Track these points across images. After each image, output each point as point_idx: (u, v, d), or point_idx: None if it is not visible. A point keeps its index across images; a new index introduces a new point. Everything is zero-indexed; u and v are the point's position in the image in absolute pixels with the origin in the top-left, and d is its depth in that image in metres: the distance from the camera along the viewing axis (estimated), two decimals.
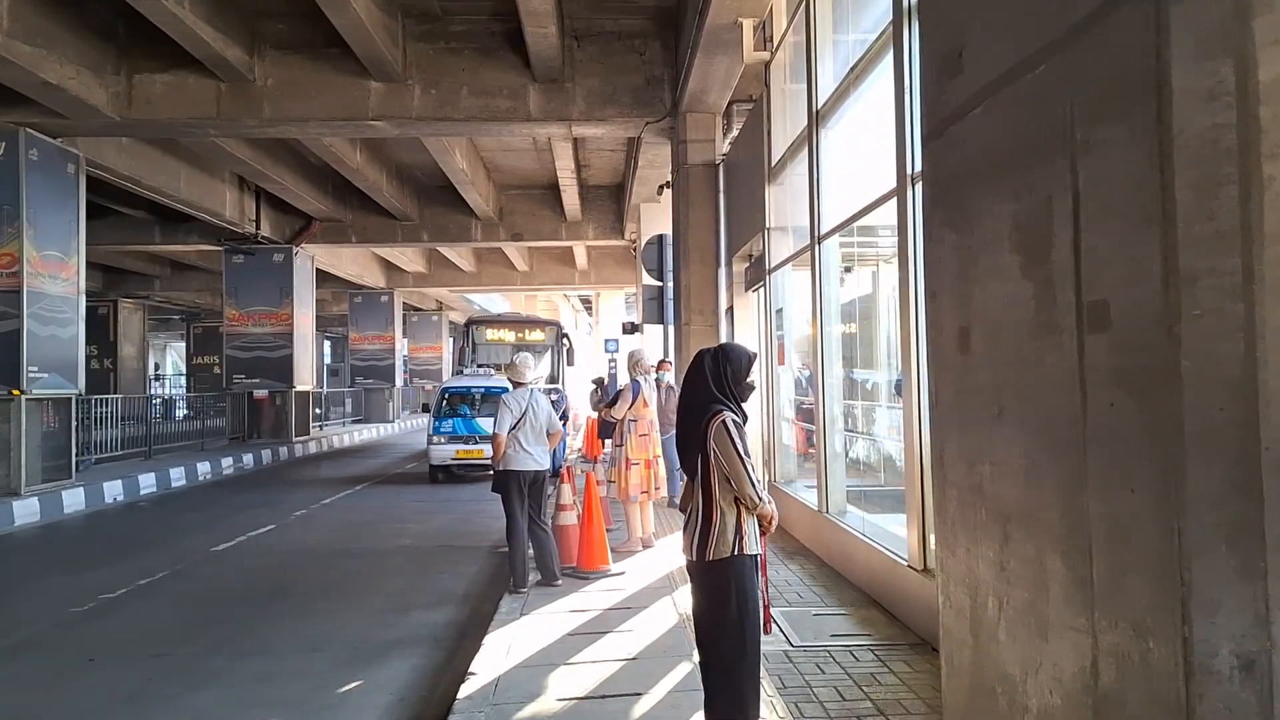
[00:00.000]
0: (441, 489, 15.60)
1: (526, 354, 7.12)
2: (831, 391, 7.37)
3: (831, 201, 7.30)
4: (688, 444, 3.70)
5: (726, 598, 3.58)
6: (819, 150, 7.32)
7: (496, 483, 6.89)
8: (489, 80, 12.81)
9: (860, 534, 6.59)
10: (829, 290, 7.40)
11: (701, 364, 3.76)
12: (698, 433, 3.63)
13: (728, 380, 3.73)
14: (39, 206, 12.97)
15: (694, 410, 3.70)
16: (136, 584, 8.48)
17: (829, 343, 7.39)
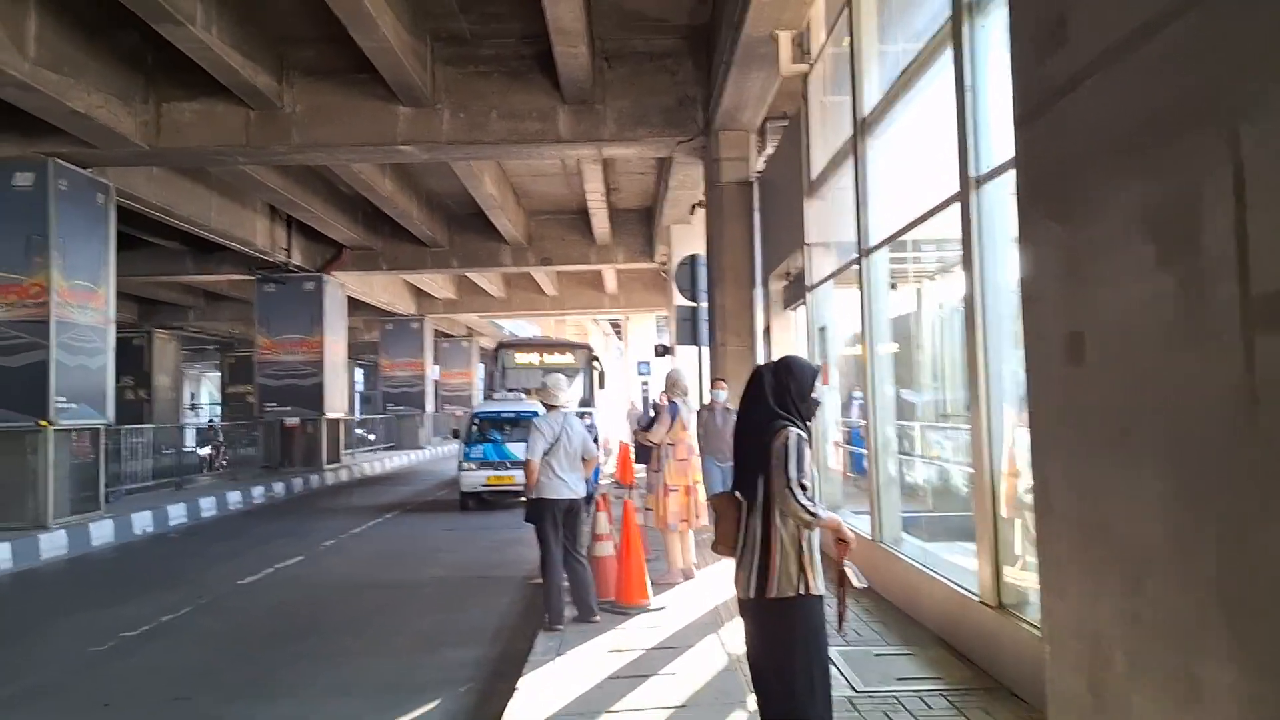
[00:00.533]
0: (473, 517, 15.29)
1: (559, 376, 6.78)
2: (883, 413, 6.97)
3: (879, 213, 6.94)
4: (747, 467, 3.37)
5: (790, 643, 3.21)
6: (865, 160, 6.97)
7: (529, 512, 6.54)
8: (518, 103, 12.60)
9: (921, 565, 6.16)
10: (878, 306, 7.02)
11: (760, 380, 3.45)
12: (759, 454, 3.31)
13: (791, 396, 3.40)
14: (68, 236, 12.88)
15: (753, 431, 3.38)
16: (160, 620, 8.20)
17: (879, 361, 7.00)
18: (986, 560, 4.94)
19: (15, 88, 10.37)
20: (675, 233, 19.09)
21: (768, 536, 3.26)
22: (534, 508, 6.49)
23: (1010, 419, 4.88)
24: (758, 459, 3.31)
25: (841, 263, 8.26)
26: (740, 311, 12.17)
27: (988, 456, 4.87)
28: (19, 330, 12.61)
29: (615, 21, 11.96)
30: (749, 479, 3.34)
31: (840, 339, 9.78)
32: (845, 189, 8.33)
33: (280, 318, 23.48)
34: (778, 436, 3.28)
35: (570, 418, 6.65)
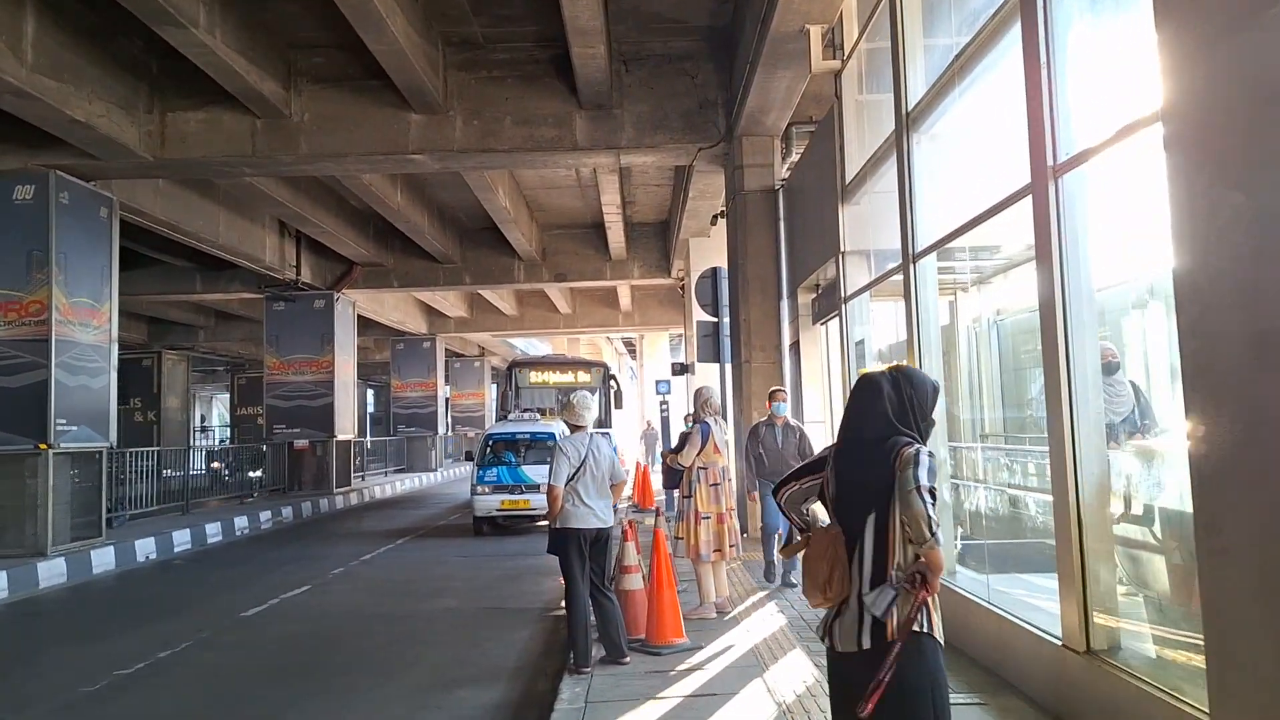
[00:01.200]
0: (487, 542, 14.74)
1: (585, 393, 6.23)
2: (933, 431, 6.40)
3: (928, 214, 6.41)
4: (855, 498, 2.84)
5: (920, 695, 2.70)
6: (910, 157, 6.45)
7: (553, 543, 5.98)
8: (533, 109, 12.15)
9: (984, 601, 5.58)
10: (927, 316, 6.47)
11: (876, 390, 2.90)
12: (874, 480, 2.78)
13: (914, 411, 2.86)
14: (70, 252, 12.46)
15: (865, 451, 2.85)
16: (156, 656, 7.67)
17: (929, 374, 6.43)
18: (1071, 599, 4.37)
19: (12, 95, 9.97)
20: (694, 246, 18.60)
21: (884, 573, 2.75)
22: (558, 538, 5.93)
23: (1097, 439, 4.32)
24: (871, 487, 2.79)
25: (882, 270, 7.72)
26: (766, 326, 11.65)
27: (1073, 482, 4.30)
28: (18, 349, 12.16)
29: (633, 23, 11.52)
30: (856, 512, 2.82)
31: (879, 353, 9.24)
32: (885, 192, 7.80)
33: (290, 337, 23.05)
34: (902, 453, 2.76)
35: (597, 439, 6.10)
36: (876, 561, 2.75)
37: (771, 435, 8.27)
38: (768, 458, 8.19)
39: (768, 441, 8.25)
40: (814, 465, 3.07)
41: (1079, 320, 4.27)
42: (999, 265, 9.86)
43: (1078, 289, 4.27)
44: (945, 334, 11.34)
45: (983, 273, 10.00)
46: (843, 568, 2.79)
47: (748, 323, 11.71)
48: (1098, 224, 4.36)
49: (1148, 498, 4.50)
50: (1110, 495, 4.36)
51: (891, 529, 2.74)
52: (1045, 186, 4.32)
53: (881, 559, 2.74)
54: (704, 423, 7.14)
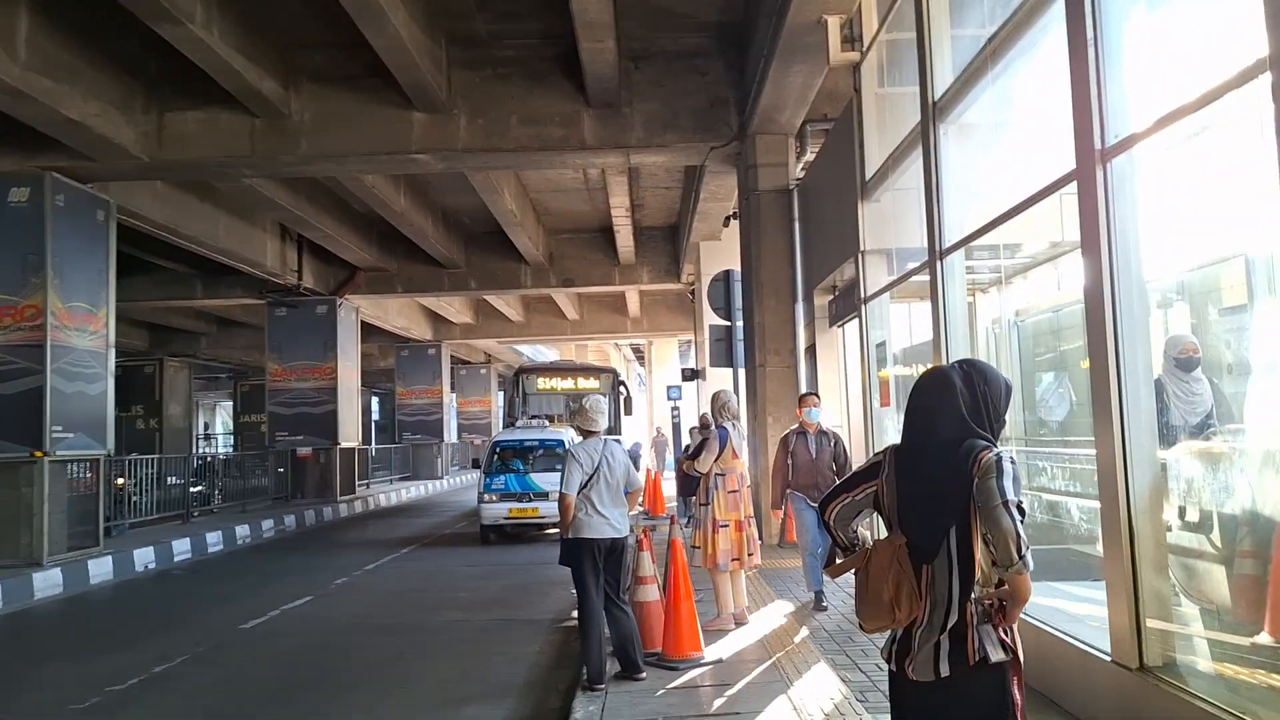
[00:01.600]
0: (494, 551, 14.44)
1: (598, 397, 5.93)
2: None
3: (956, 209, 6.11)
4: (928, 508, 2.53)
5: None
6: (938, 149, 6.15)
7: (565, 554, 5.68)
8: (540, 107, 11.88)
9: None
10: (954, 315, 6.17)
11: (948, 385, 2.60)
12: (950, 487, 2.47)
13: (988, 410, 2.56)
14: (66, 255, 12.20)
15: (937, 449, 2.54)
16: (151, 672, 7.37)
17: None
18: (1121, 611, 4.06)
19: (5, 94, 9.74)
20: (704, 250, 18.32)
21: (967, 590, 2.44)
22: (571, 549, 5.62)
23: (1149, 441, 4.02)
24: (946, 496, 2.47)
25: (905, 269, 7.42)
26: (780, 329, 11.35)
27: (1123, 486, 4.00)
28: (13, 355, 11.90)
29: (642, 19, 11.24)
30: (928, 524, 2.50)
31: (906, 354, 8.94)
32: (907, 189, 7.52)
33: (292, 343, 22.78)
34: (980, 458, 2.45)
35: (611, 444, 5.80)
36: (964, 581, 2.44)
37: (804, 444, 7.49)
38: (800, 469, 7.44)
39: (800, 451, 7.50)
40: (866, 472, 2.74)
41: (1129, 313, 3.97)
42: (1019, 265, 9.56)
43: (1127, 280, 3.97)
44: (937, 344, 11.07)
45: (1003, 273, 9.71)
46: (910, 585, 2.48)
47: (762, 326, 11.42)
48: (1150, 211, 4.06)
49: (1209, 503, 4.19)
50: (1165, 500, 4.05)
51: (975, 545, 2.43)
52: (1092, 172, 4.02)
53: (968, 578, 2.44)
54: (721, 427, 6.83)
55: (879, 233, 8.17)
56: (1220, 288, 5.80)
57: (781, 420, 11.34)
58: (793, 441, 7.54)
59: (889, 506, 2.63)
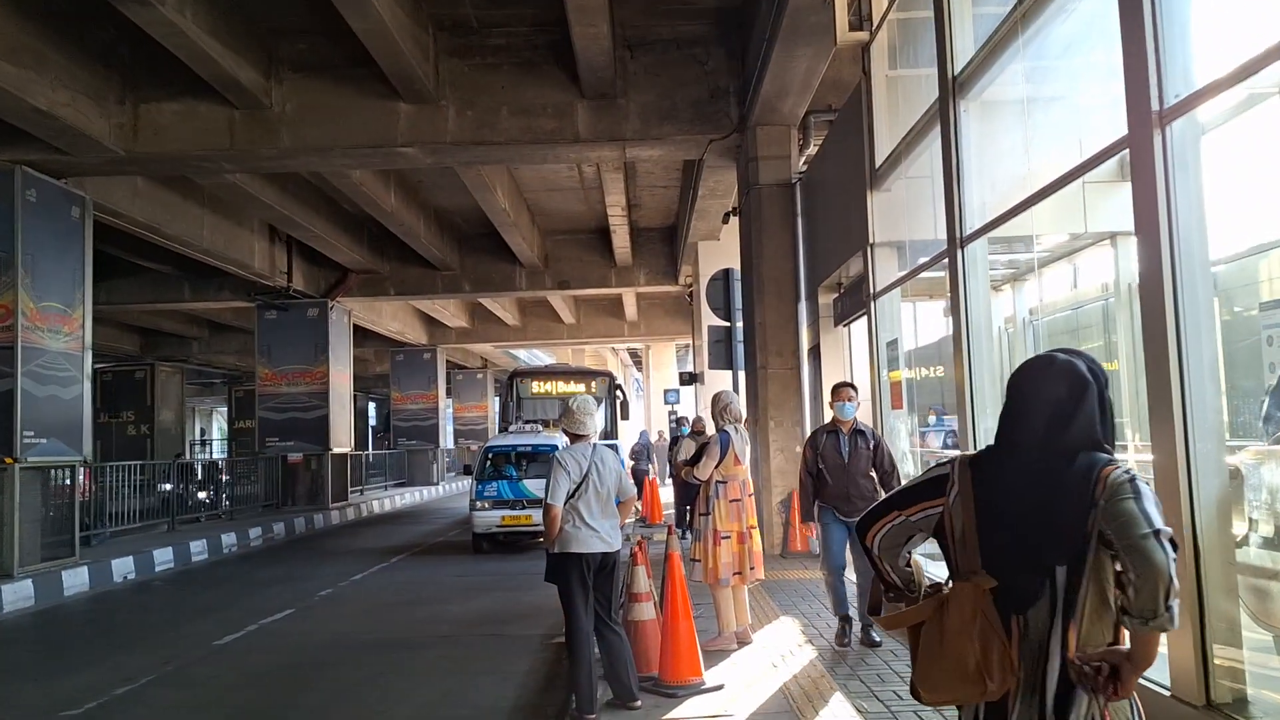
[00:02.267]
0: (486, 561, 13.93)
1: (587, 397, 5.41)
2: (984, 441, 5.58)
3: (978, 192, 5.63)
4: (1036, 530, 1.97)
5: None
6: (958, 128, 5.66)
7: (551, 570, 5.16)
8: (532, 98, 11.39)
9: None
10: (976, 308, 5.68)
11: (1082, 379, 2.03)
12: (1066, 508, 1.93)
13: (1108, 415, 2.04)
14: (38, 253, 11.69)
15: (1046, 463, 1.99)
16: (113, 694, 6.86)
17: (979, 379, 5.63)
18: (1184, 642, 3.56)
19: None
20: (703, 250, 17.83)
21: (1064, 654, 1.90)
22: (557, 565, 5.09)
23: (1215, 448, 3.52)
24: (1057, 524, 1.94)
25: (919, 261, 6.94)
26: (783, 329, 10.86)
27: (1186, 499, 3.50)
28: None
29: (638, 5, 10.77)
30: (1027, 560, 1.96)
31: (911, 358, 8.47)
32: (920, 177, 7.06)
33: (282, 347, 22.29)
34: (1104, 475, 1.91)
35: (601, 450, 5.27)
36: (1070, 636, 1.92)
37: (835, 445, 6.29)
38: (831, 475, 6.25)
39: (830, 454, 6.29)
40: (926, 488, 2.18)
41: (1191, 300, 3.47)
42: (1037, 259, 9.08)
43: (1190, 262, 3.47)
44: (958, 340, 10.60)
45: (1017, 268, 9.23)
46: (1003, 644, 1.94)
47: (763, 326, 10.93)
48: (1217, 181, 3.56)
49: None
50: (1235, 513, 3.56)
51: (1106, 570, 1.91)
52: (1149, 137, 3.53)
53: (1078, 633, 1.92)
54: (723, 431, 6.31)
55: (889, 224, 7.69)
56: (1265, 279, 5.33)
57: (784, 425, 10.85)
58: (822, 442, 6.35)
59: (960, 535, 2.06)
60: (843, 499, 6.25)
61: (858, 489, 6.18)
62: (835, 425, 6.36)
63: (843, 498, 6.25)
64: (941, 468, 2.17)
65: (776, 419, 10.72)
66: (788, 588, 8.66)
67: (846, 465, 6.22)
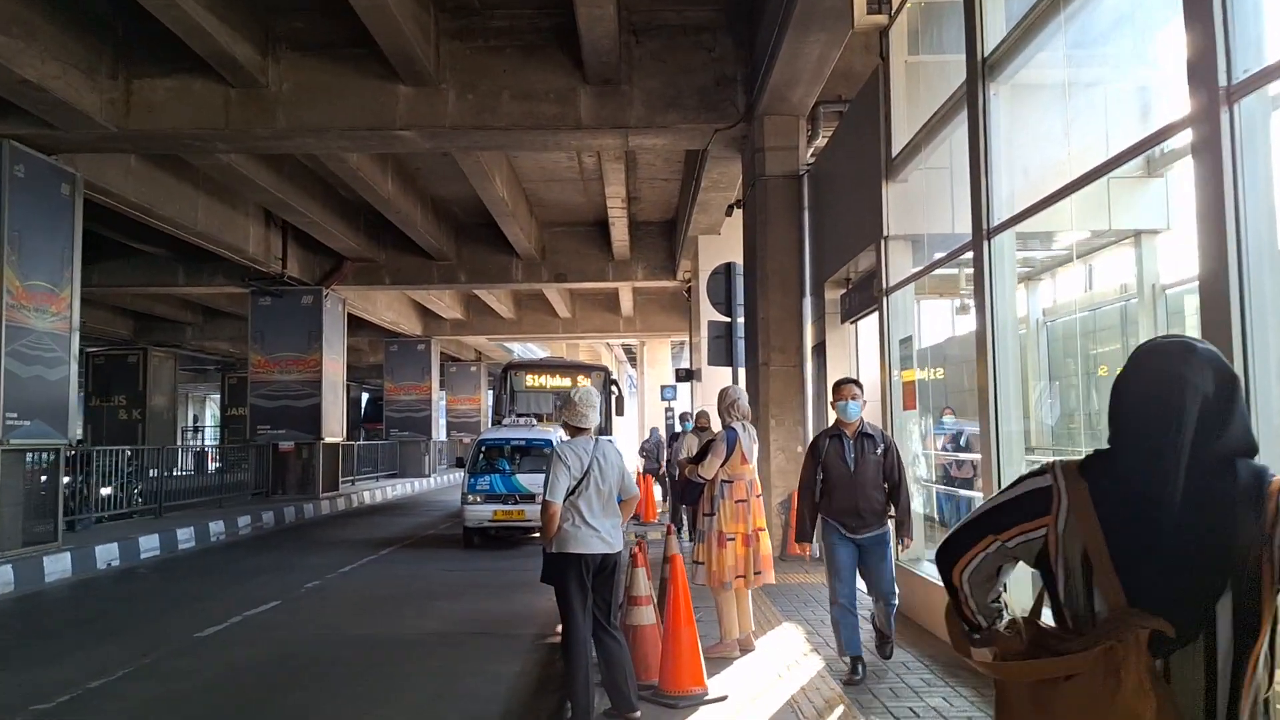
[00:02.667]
0: (477, 555, 13.66)
1: (590, 389, 5.11)
2: (1007, 449, 5.31)
3: (1008, 181, 5.35)
4: (1198, 555, 1.61)
5: None
6: (987, 111, 5.38)
7: (548, 571, 4.87)
8: (534, 82, 11.10)
9: None
10: (1002, 305, 5.40)
11: (1224, 370, 1.70)
12: (1230, 529, 1.59)
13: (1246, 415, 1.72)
14: (25, 230, 11.37)
15: (1196, 473, 1.63)
16: (86, 687, 6.57)
17: (1003, 380, 5.35)
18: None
19: None
20: (703, 245, 17.55)
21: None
22: (554, 565, 4.80)
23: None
24: (1217, 545, 1.59)
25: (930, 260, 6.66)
26: (786, 325, 10.59)
27: None
28: None
29: None
30: (1181, 592, 1.60)
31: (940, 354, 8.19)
32: (939, 167, 6.79)
33: (275, 334, 21.98)
34: (1276, 492, 1.58)
35: (604, 445, 4.99)
36: (1242, 684, 1.60)
37: (840, 452, 5.50)
38: (836, 487, 5.47)
39: (834, 462, 5.50)
40: (1023, 503, 1.78)
41: (1259, 294, 3.19)
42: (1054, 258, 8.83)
43: (1258, 250, 3.18)
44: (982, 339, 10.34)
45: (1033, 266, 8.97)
46: (1172, 708, 1.57)
47: (766, 321, 10.65)
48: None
49: None
50: None
51: (1266, 625, 1.59)
52: (1214, 116, 3.25)
53: (1250, 680, 1.61)
54: (730, 428, 6.02)
55: (905, 217, 7.41)
56: None
57: (785, 424, 10.58)
58: (824, 448, 5.55)
59: (1077, 563, 1.69)
60: (850, 513, 5.46)
61: (868, 502, 5.44)
62: (839, 428, 5.59)
63: (850, 512, 5.45)
64: (1038, 479, 1.79)
65: (778, 417, 10.45)
66: (789, 592, 8.40)
67: (853, 474, 5.42)
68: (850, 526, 5.49)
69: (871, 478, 5.47)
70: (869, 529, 5.48)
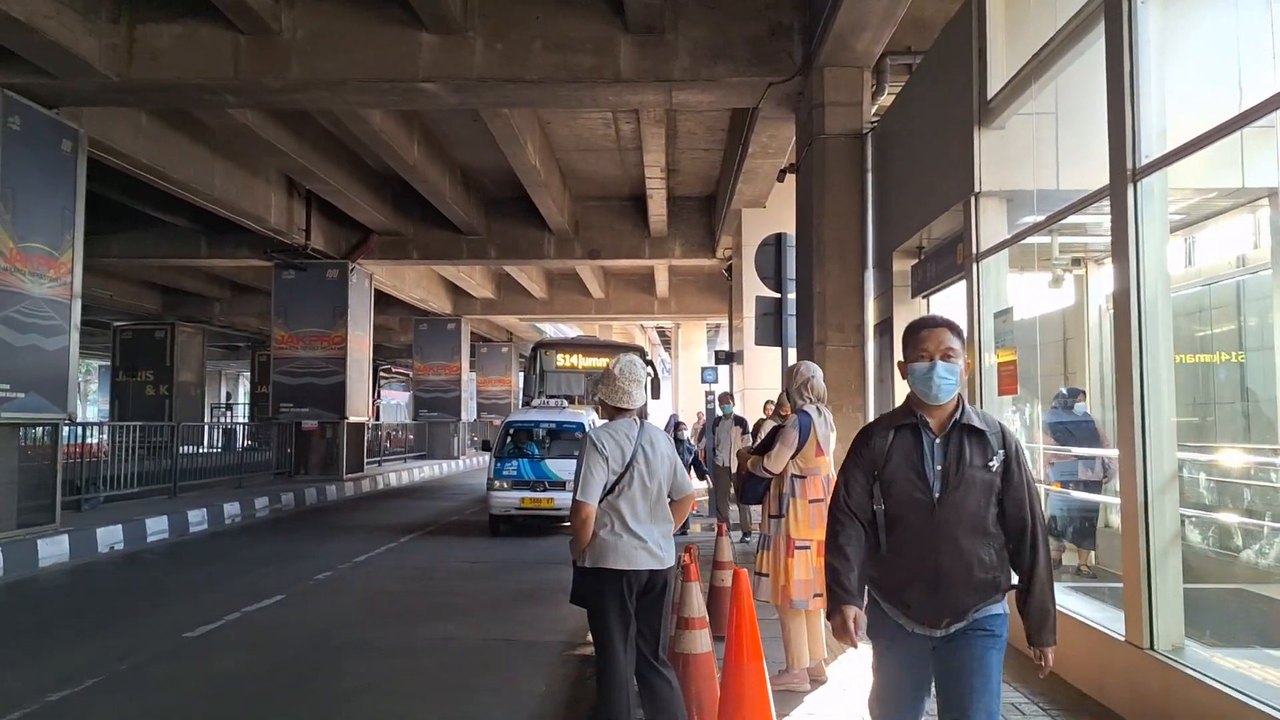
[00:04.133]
0: (503, 544, 12.80)
1: (633, 359, 4.06)
2: (1156, 436, 4.25)
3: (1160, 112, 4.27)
4: None
5: None
6: (1134, 24, 4.29)
7: (581, 590, 3.84)
8: (569, 30, 10.07)
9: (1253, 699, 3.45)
10: (1153, 262, 4.32)
11: None
12: None
13: None
14: (21, 188, 10.56)
15: None
16: (44, 700, 5.73)
17: (1155, 357, 4.28)
18: None
19: None
20: (747, 219, 16.46)
21: None
22: (589, 585, 3.77)
23: None
24: None
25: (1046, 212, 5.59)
26: (846, 300, 9.52)
27: None
28: None
29: None
30: None
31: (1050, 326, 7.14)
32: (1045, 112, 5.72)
33: (299, 309, 21.22)
34: None
35: (651, 430, 3.98)
36: None
37: (911, 458, 2.91)
38: (903, 527, 2.89)
39: (901, 477, 2.91)
40: None
41: None
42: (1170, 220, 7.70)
43: None
44: (1072, 317, 9.21)
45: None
46: None
47: (822, 296, 9.58)
48: None
49: None
50: None
51: None
52: None
53: None
54: (803, 412, 4.98)
55: (1002, 170, 6.32)
56: None
57: (844, 410, 9.49)
58: (883, 449, 2.94)
59: None
60: (924, 585, 2.86)
61: (961, 562, 2.83)
62: (912, 412, 2.94)
63: (925, 583, 2.85)
64: None
65: (835, 404, 9.36)
66: None
67: (938, 505, 2.82)
68: (922, 615, 2.89)
69: (973, 513, 2.83)
70: (958, 616, 2.85)
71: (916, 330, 2.99)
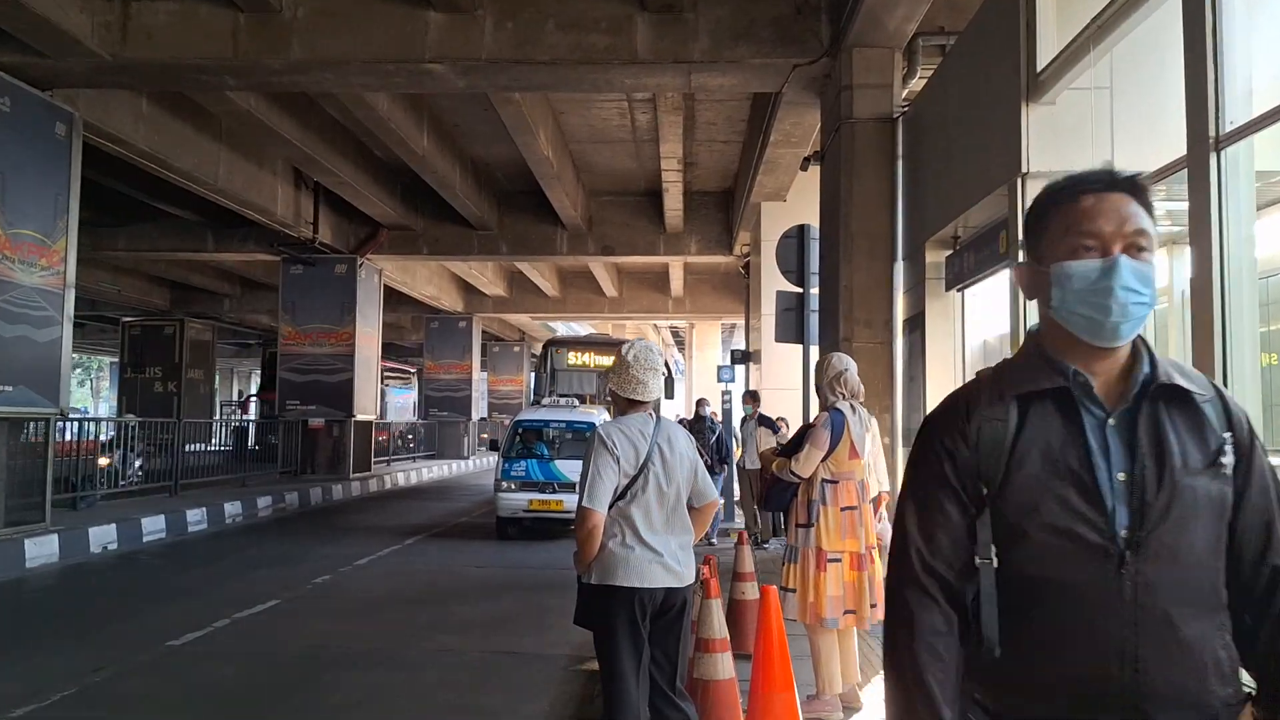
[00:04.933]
0: (510, 548, 12.33)
1: (650, 345, 3.54)
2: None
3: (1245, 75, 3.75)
4: None
5: None
6: None
7: (586, 610, 3.31)
8: (584, 9, 9.59)
9: None
10: (1238, 239, 3.79)
11: None
12: None
13: None
14: (11, 173, 10.14)
15: None
16: (9, 715, 5.27)
17: (1239, 345, 3.75)
18: None
19: None
20: (766, 213, 15.92)
21: None
22: (596, 604, 3.24)
23: None
24: None
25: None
26: (874, 294, 9.00)
27: None
28: None
29: None
30: None
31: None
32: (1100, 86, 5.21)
33: (307, 304, 20.82)
34: None
35: (669, 427, 3.47)
36: None
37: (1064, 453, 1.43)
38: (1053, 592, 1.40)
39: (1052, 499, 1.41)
40: None
41: None
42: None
43: None
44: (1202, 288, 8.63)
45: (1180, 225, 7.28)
46: None
47: (849, 290, 9.07)
48: None
49: None
50: None
51: None
52: None
53: None
54: (835, 410, 4.48)
55: (1052, 149, 5.79)
56: None
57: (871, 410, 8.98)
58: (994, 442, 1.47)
59: None
60: (1093, 699, 1.39)
61: (1181, 671, 1.38)
62: (1051, 364, 1.49)
63: (1101, 709, 1.38)
64: None
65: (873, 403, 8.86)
66: None
67: (1131, 551, 1.38)
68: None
69: (1200, 564, 1.42)
70: None
71: (1073, 194, 1.55)
